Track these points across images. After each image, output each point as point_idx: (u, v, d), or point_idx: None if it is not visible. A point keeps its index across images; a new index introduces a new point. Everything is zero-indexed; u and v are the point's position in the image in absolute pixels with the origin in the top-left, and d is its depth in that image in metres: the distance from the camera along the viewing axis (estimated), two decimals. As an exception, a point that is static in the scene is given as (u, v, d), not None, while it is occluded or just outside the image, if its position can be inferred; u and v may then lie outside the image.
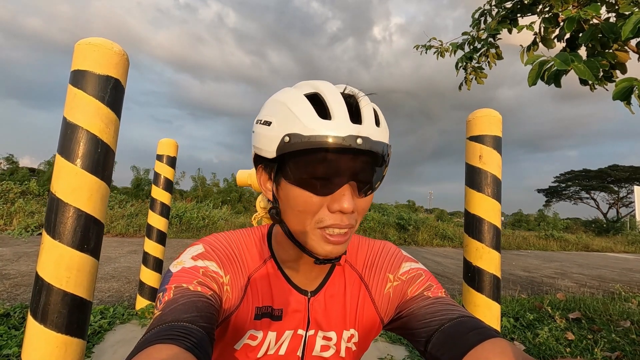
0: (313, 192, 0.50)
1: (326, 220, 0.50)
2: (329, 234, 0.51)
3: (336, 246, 0.52)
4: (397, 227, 12.40)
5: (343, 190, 0.50)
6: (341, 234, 0.51)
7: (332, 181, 0.49)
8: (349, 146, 0.46)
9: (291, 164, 0.50)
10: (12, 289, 3.35)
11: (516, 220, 28.63)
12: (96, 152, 1.06)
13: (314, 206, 0.50)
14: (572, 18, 2.22)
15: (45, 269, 1.00)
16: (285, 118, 0.49)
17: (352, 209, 0.49)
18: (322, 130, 0.47)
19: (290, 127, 0.48)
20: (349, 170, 0.49)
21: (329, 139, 0.46)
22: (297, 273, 0.62)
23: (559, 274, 6.77)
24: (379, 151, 0.49)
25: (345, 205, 0.49)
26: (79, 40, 1.09)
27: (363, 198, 0.52)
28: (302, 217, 0.52)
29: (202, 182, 19.38)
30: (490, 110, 1.56)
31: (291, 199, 0.52)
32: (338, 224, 0.50)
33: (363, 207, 0.53)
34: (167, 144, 2.92)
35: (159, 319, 0.45)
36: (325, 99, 0.49)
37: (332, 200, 0.50)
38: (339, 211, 0.50)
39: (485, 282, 1.47)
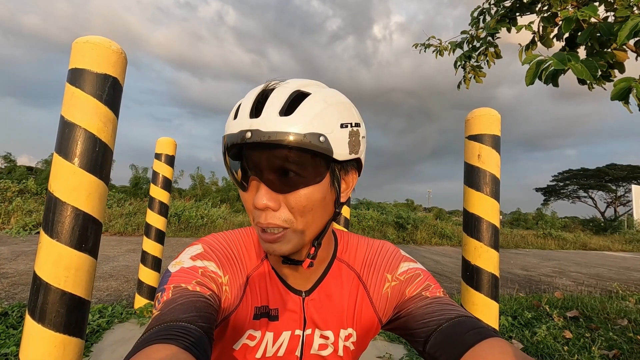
0: (240, 189, 0.53)
1: (255, 218, 0.51)
2: (262, 231, 0.51)
3: (271, 244, 0.51)
4: (395, 225, 12.42)
5: (255, 186, 0.50)
6: (272, 232, 0.50)
7: (245, 177, 0.51)
8: (238, 141, 0.47)
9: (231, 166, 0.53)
10: (10, 288, 3.34)
11: (514, 219, 28.70)
12: (94, 151, 1.05)
13: (247, 203, 0.53)
14: (569, 18, 2.22)
15: (43, 268, 0.99)
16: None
17: (266, 205, 0.48)
18: (229, 130, 0.50)
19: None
20: (260, 164, 0.48)
21: (229, 137, 0.49)
22: (289, 273, 0.62)
23: (557, 272, 6.79)
24: (279, 140, 0.45)
25: (257, 202, 0.49)
26: (76, 39, 1.09)
27: (291, 195, 0.49)
28: (248, 215, 0.54)
29: (201, 180, 19.35)
30: (489, 110, 1.56)
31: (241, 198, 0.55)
32: (261, 222, 0.50)
33: (294, 205, 0.49)
34: (166, 143, 2.91)
35: (157, 319, 0.45)
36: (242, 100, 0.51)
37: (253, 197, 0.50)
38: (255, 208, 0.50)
39: (484, 281, 1.47)
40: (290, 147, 0.46)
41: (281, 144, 0.46)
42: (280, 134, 0.45)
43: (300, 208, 0.50)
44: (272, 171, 0.48)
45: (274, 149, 0.47)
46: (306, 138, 0.46)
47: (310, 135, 0.46)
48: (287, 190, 0.49)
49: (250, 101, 0.49)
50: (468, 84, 3.84)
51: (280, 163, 0.47)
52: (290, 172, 0.48)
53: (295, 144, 0.46)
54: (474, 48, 3.63)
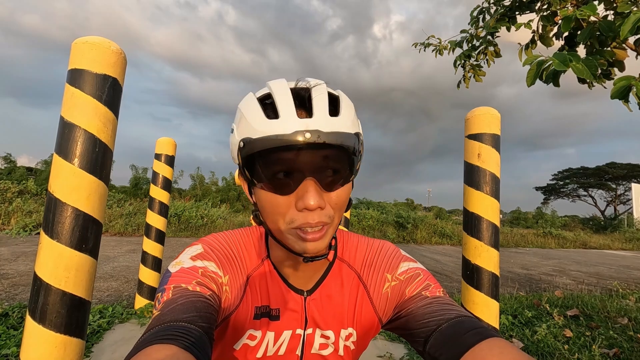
0: (276, 193, 0.50)
1: (296, 221, 0.50)
2: (303, 231, 0.50)
3: (312, 243, 0.51)
4: (395, 225, 12.42)
5: (305, 187, 0.49)
6: (315, 230, 0.50)
7: (291, 179, 0.49)
8: (296, 142, 0.45)
9: (253, 168, 0.50)
10: (10, 289, 3.34)
11: (514, 218, 28.72)
12: (94, 151, 1.05)
13: (281, 207, 0.50)
14: (568, 17, 2.22)
15: (43, 268, 0.99)
16: (240, 124, 0.51)
17: (318, 205, 0.48)
18: (269, 131, 0.47)
19: (244, 132, 0.49)
20: (307, 165, 0.48)
21: (275, 138, 0.46)
22: (291, 272, 0.62)
23: (557, 271, 6.79)
24: (337, 141, 0.47)
25: (310, 202, 0.48)
26: (76, 39, 1.08)
27: (334, 192, 0.51)
28: (274, 218, 0.52)
29: (201, 180, 19.37)
30: (488, 109, 1.56)
31: (262, 202, 0.52)
32: (308, 222, 0.49)
33: (336, 201, 0.52)
34: (166, 143, 2.91)
35: (157, 319, 0.45)
36: (274, 98, 0.49)
37: (296, 198, 0.49)
38: (305, 209, 0.49)
39: (484, 280, 1.47)
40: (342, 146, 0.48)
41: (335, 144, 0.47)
42: (337, 134, 0.47)
43: (340, 204, 0.52)
44: (319, 171, 0.49)
45: (324, 148, 0.47)
46: (353, 138, 0.49)
47: (355, 135, 0.50)
48: (333, 188, 0.51)
49: (289, 100, 0.48)
50: (468, 83, 3.84)
51: (328, 163, 0.49)
52: (333, 170, 0.50)
53: (347, 144, 0.48)
54: (473, 47, 3.63)
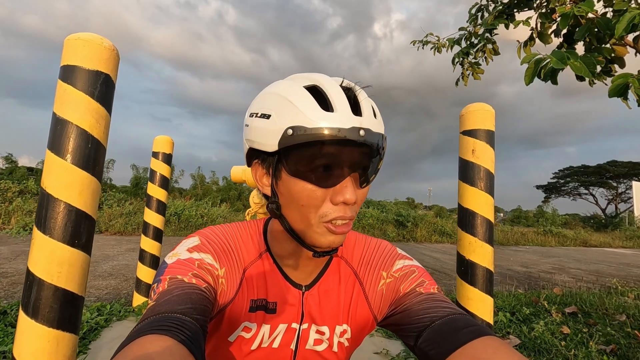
0: (317, 185, 0.50)
1: (330, 214, 0.51)
2: (334, 225, 0.51)
3: (339, 236, 0.53)
4: (395, 223, 12.42)
5: (346, 182, 0.50)
6: (345, 224, 0.52)
7: (335, 173, 0.50)
8: (352, 138, 0.47)
9: (294, 157, 0.49)
10: (9, 287, 3.36)
11: (515, 217, 28.68)
12: (87, 147, 1.05)
13: (317, 200, 0.51)
14: (566, 14, 2.21)
15: (36, 264, 1.00)
16: (285, 110, 0.49)
17: (355, 200, 0.50)
18: (326, 123, 0.46)
19: (292, 119, 0.48)
20: (350, 161, 0.50)
21: (333, 132, 0.46)
22: (292, 267, 0.62)
23: (556, 269, 6.79)
24: (379, 143, 0.50)
25: (348, 197, 0.50)
26: (68, 36, 1.09)
27: (362, 189, 0.53)
28: (305, 211, 0.52)
29: (202, 180, 19.41)
30: (483, 105, 1.56)
31: (294, 193, 0.51)
32: (342, 215, 0.51)
33: (362, 198, 0.54)
34: (163, 141, 2.91)
35: (152, 309, 0.45)
36: (326, 91, 0.49)
37: (334, 193, 0.50)
38: (342, 202, 0.50)
39: (478, 275, 1.48)
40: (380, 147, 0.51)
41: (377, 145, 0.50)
42: (380, 135, 0.51)
43: (363, 201, 0.55)
44: (358, 168, 0.51)
45: (366, 146, 0.49)
46: (386, 141, 0.53)
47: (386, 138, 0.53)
48: (364, 185, 0.53)
49: (342, 96, 0.49)
50: (466, 80, 3.83)
51: (364, 159, 0.51)
52: (367, 168, 0.52)
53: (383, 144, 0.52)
54: (472, 45, 3.63)
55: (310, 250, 0.56)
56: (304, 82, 0.52)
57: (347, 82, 0.53)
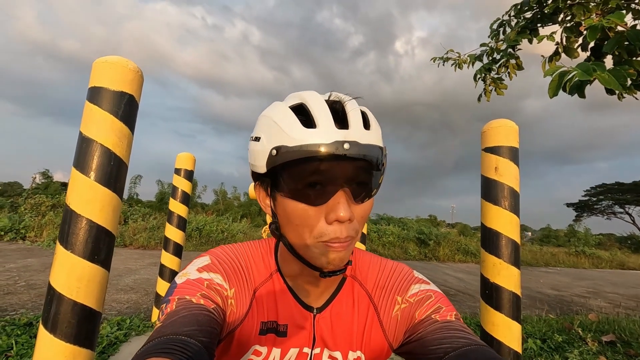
0: (307, 203, 0.49)
1: (325, 235, 0.49)
2: (330, 246, 0.49)
3: (338, 253, 0.50)
4: (417, 241, 12.12)
5: (337, 198, 0.48)
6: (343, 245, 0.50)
7: (324, 190, 0.48)
8: (335, 152, 0.45)
9: (283, 177, 0.50)
10: (36, 299, 3.47)
11: (544, 236, 27.45)
12: (109, 165, 1.09)
13: (311, 219, 0.49)
14: (594, 27, 2.15)
15: (57, 279, 1.02)
16: (272, 132, 0.49)
17: (349, 217, 0.48)
18: (308, 140, 0.46)
19: (277, 140, 0.48)
20: (340, 176, 0.48)
21: (314, 147, 0.46)
22: (302, 288, 0.60)
23: (591, 293, 6.39)
24: (369, 154, 0.48)
25: (341, 214, 0.47)
26: (96, 59, 1.14)
27: (360, 205, 0.51)
28: (300, 230, 0.51)
29: (223, 195, 19.76)
30: (506, 121, 1.51)
31: (288, 213, 0.51)
32: (338, 237, 0.48)
33: (361, 214, 0.51)
34: (185, 158, 2.99)
35: (158, 331, 0.44)
36: (310, 109, 0.49)
37: (327, 210, 0.49)
38: (336, 220, 0.48)
39: (504, 300, 1.40)
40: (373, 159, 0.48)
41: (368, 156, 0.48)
42: (371, 147, 0.48)
43: (365, 217, 0.52)
44: (351, 183, 0.49)
45: (357, 160, 0.47)
46: (382, 151, 0.50)
47: (382, 149, 0.51)
48: (360, 201, 0.51)
49: (326, 111, 0.48)
50: (489, 96, 3.77)
51: (360, 175, 0.49)
52: (362, 182, 0.50)
53: (378, 157, 0.49)
54: (494, 60, 3.58)
55: (316, 270, 0.54)
56: (291, 101, 0.52)
57: (335, 95, 0.52)
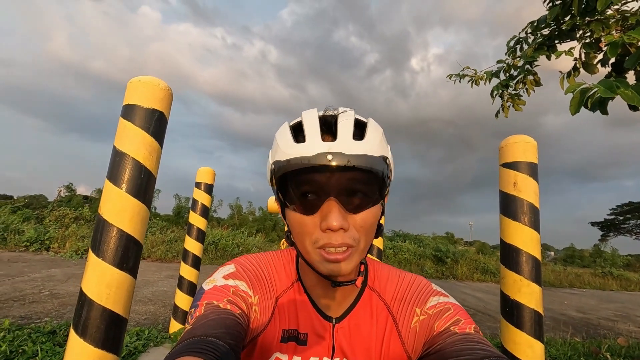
0: (302, 213, 0.53)
1: (320, 240, 0.52)
2: (327, 252, 0.52)
3: (336, 264, 0.52)
4: (434, 259, 11.86)
5: (328, 208, 0.51)
6: (339, 252, 0.51)
7: (316, 200, 0.52)
8: (318, 163, 0.48)
9: (283, 190, 0.54)
10: (59, 308, 3.56)
11: (568, 256, 26.38)
12: (139, 177, 1.15)
13: (308, 227, 0.53)
14: (615, 43, 2.14)
15: (88, 285, 1.07)
16: (273, 149, 0.55)
17: (340, 225, 0.50)
18: (295, 153, 0.50)
19: (275, 155, 0.54)
20: (331, 187, 0.50)
21: (299, 160, 0.49)
22: (321, 297, 0.62)
23: (619, 316, 6.07)
24: (359, 164, 0.49)
25: (332, 223, 0.50)
26: (131, 79, 1.22)
27: (359, 214, 0.52)
28: (302, 238, 0.54)
29: (239, 210, 19.94)
30: (524, 137, 1.51)
31: (292, 223, 0.55)
32: (331, 242, 0.51)
33: (361, 224, 0.53)
34: (205, 172, 3.07)
35: (189, 333, 0.47)
36: (303, 124, 0.53)
37: (320, 219, 0.52)
38: (328, 229, 0.50)
39: (526, 318, 1.37)
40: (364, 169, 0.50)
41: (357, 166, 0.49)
42: (359, 156, 0.49)
43: (366, 228, 0.53)
44: (343, 192, 0.51)
45: (347, 170, 0.49)
46: (378, 160, 0.51)
47: (380, 158, 0.52)
48: (357, 210, 0.52)
49: (315, 125, 0.52)
50: (507, 112, 3.74)
51: (351, 184, 0.51)
52: (359, 192, 0.52)
53: (371, 166, 0.50)
54: (511, 77, 3.58)
55: (327, 279, 0.56)
56: (294, 121, 0.57)
57: (334, 109, 0.55)
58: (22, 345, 2.25)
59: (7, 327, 2.56)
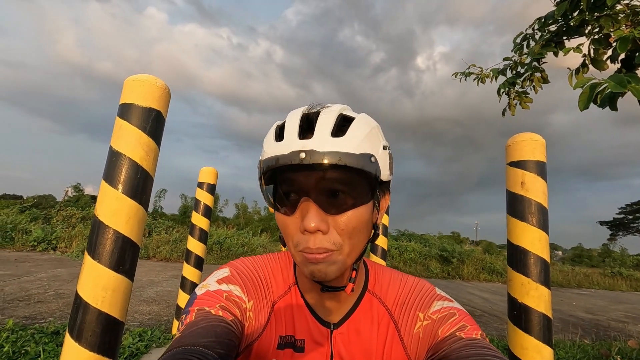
0: (283, 213, 0.51)
1: (300, 244, 0.50)
2: (307, 253, 0.49)
3: (316, 265, 0.49)
4: (439, 259, 11.77)
5: (305, 208, 0.49)
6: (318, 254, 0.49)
7: (292, 200, 0.50)
8: (291, 162, 0.46)
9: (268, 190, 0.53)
10: (64, 308, 3.58)
11: (576, 255, 26.09)
12: (136, 177, 1.13)
13: (289, 228, 0.51)
14: (625, 38, 2.09)
15: (84, 288, 1.05)
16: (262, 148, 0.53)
17: (317, 227, 0.47)
18: (273, 152, 0.49)
19: (262, 155, 0.52)
20: (307, 186, 0.48)
21: (274, 159, 0.48)
22: (318, 302, 0.60)
23: (630, 317, 5.96)
24: (333, 161, 0.45)
25: (309, 224, 0.47)
26: (127, 77, 1.20)
27: (339, 216, 0.49)
28: (287, 240, 0.53)
29: (244, 209, 20.00)
30: (531, 134, 1.47)
31: (278, 224, 0.54)
32: (309, 247, 0.48)
33: (343, 227, 0.49)
34: (208, 172, 3.05)
35: (177, 341, 0.45)
36: (285, 123, 0.51)
37: (300, 220, 0.50)
38: (305, 230, 0.48)
39: (534, 322, 1.32)
40: (344, 167, 0.46)
41: (334, 165, 0.46)
42: (335, 154, 0.46)
43: (349, 230, 0.50)
44: (322, 192, 0.49)
45: (325, 169, 0.47)
46: (360, 158, 0.47)
47: (363, 156, 0.47)
48: (337, 211, 0.49)
49: (295, 123, 0.50)
50: (513, 110, 3.69)
51: (331, 184, 0.48)
52: (340, 192, 0.49)
53: (350, 164, 0.46)
54: (518, 74, 3.52)
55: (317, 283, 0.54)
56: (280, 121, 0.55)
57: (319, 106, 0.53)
58: (25, 345, 2.26)
59: (10, 327, 2.57)
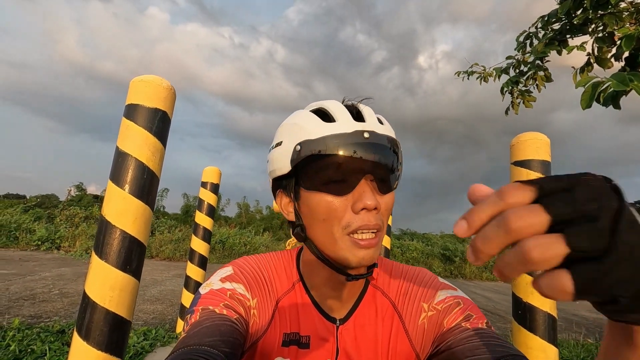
0: (333, 194, 0.50)
1: (354, 223, 0.49)
2: (359, 238, 0.49)
3: (368, 250, 0.50)
4: (442, 258, 11.77)
5: (362, 187, 0.50)
6: (371, 237, 0.50)
7: (349, 179, 0.50)
8: (356, 141, 0.48)
9: (307, 172, 0.51)
10: (69, 307, 3.60)
11: (579, 254, 25.95)
12: (142, 178, 1.13)
13: (337, 210, 0.50)
14: (630, 36, 2.08)
15: (92, 287, 1.06)
16: (293, 133, 0.53)
17: (375, 205, 0.49)
18: (329, 132, 0.49)
19: (300, 137, 0.51)
20: (363, 165, 0.49)
21: (336, 138, 0.48)
22: (325, 297, 0.60)
23: (633, 317, 5.93)
24: (389, 144, 0.51)
25: (368, 202, 0.48)
26: (133, 78, 1.21)
27: (385, 195, 0.52)
28: (328, 225, 0.51)
29: (246, 209, 20.03)
30: (536, 134, 1.47)
31: (314, 208, 0.51)
32: (366, 224, 0.49)
33: (386, 206, 0.52)
34: (211, 172, 3.06)
35: (183, 341, 0.45)
36: (328, 108, 0.53)
37: (353, 200, 0.50)
38: (364, 209, 0.49)
39: (539, 321, 1.32)
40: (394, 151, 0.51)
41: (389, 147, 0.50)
42: (389, 138, 0.51)
43: (389, 209, 0.53)
44: (375, 173, 0.51)
45: (377, 151, 0.49)
46: (400, 146, 0.54)
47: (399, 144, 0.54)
48: (386, 191, 0.52)
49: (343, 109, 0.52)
50: (517, 109, 3.68)
51: (381, 165, 0.50)
52: (388, 173, 0.51)
53: (396, 148, 0.52)
54: (521, 73, 3.51)
55: (342, 274, 0.54)
56: (310, 107, 0.56)
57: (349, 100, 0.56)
58: (31, 344, 2.27)
59: (16, 326, 2.59)
